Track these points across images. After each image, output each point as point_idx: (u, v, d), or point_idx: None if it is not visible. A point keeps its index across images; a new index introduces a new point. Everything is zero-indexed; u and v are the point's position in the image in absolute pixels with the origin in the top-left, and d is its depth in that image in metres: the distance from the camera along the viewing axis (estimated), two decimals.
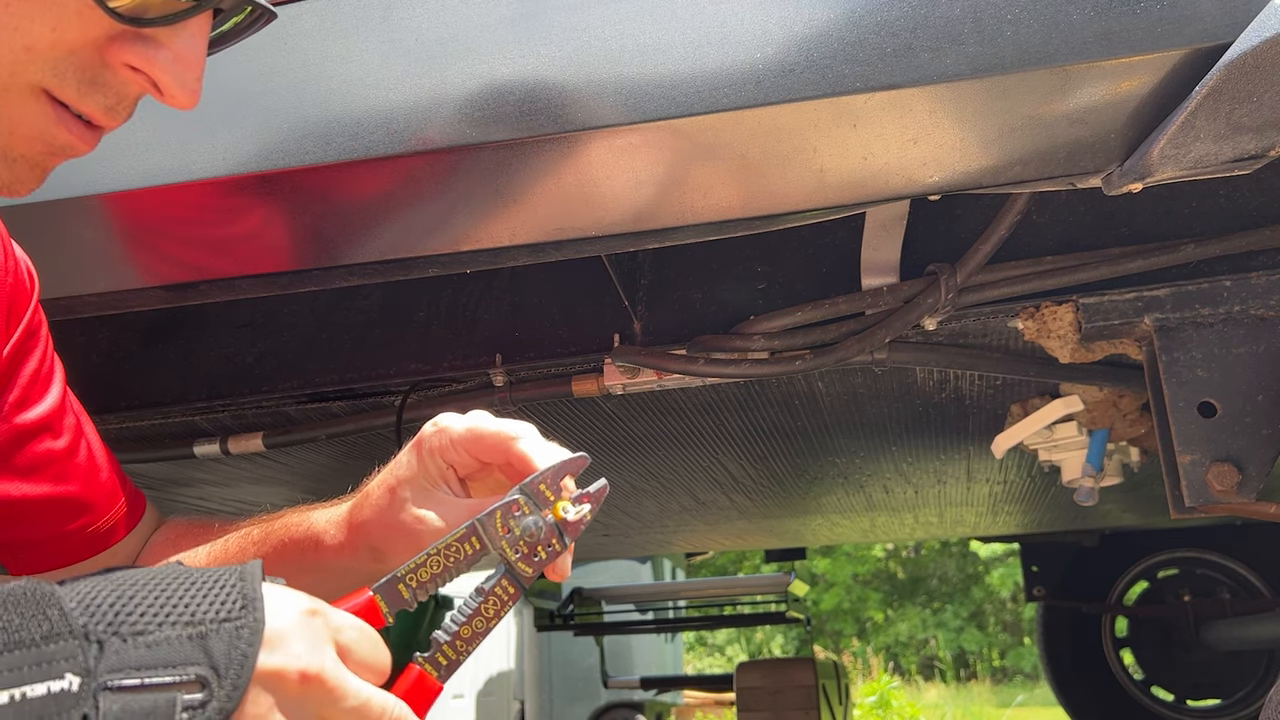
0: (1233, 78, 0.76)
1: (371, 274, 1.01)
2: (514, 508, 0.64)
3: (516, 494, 0.64)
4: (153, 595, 0.49)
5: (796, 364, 1.21)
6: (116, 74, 0.59)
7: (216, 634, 0.48)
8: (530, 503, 0.64)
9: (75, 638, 0.46)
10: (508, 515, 0.64)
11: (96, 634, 0.47)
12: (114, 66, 0.59)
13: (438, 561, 0.62)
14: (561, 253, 0.98)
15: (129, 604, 0.48)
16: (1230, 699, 3.64)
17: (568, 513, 0.64)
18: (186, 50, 0.60)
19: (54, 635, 0.46)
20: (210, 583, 0.51)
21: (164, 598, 0.49)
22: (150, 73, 0.59)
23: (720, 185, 0.90)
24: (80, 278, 1.03)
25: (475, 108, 0.87)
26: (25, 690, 0.44)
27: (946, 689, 12.54)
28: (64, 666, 0.45)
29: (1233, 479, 1.03)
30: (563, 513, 0.64)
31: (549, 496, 0.65)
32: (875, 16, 0.81)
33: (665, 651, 7.60)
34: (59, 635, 0.46)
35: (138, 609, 0.48)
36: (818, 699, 4.02)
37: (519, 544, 0.63)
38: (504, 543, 0.63)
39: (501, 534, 0.63)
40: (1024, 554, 3.88)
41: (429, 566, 0.62)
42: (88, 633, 0.46)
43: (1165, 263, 1.10)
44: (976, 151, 0.86)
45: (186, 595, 0.50)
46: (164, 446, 1.52)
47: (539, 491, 0.65)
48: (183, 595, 0.50)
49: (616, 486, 2.14)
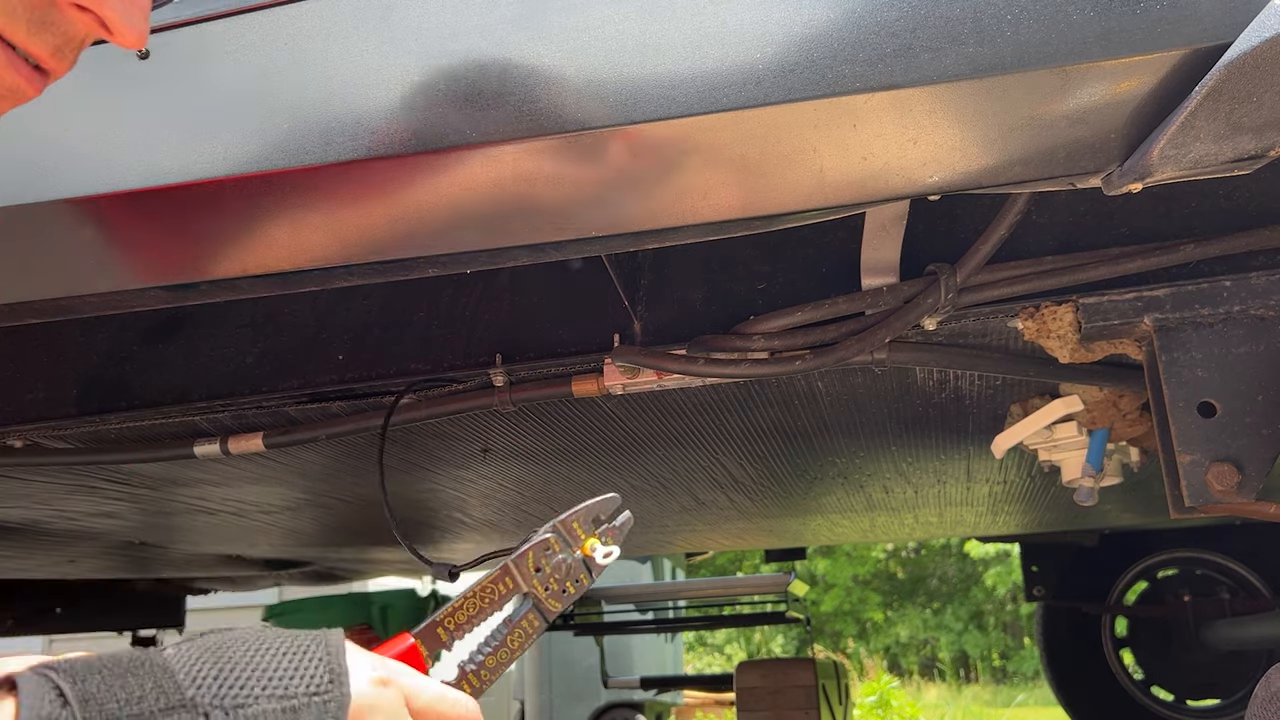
0: (1232, 78, 0.76)
1: (371, 274, 1.01)
2: (545, 546, 0.67)
3: (549, 533, 0.67)
4: (249, 667, 0.52)
5: (796, 364, 1.21)
6: (64, 14, 0.60)
7: (307, 709, 0.52)
8: (560, 540, 0.67)
9: (188, 710, 0.50)
10: (539, 554, 0.66)
11: (204, 707, 0.50)
12: (61, 6, 0.59)
13: (473, 604, 0.65)
14: (561, 253, 0.98)
15: (229, 676, 0.52)
16: (1230, 699, 3.65)
17: (596, 551, 0.67)
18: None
19: (171, 709, 0.49)
20: (299, 653, 0.54)
21: (258, 669, 0.53)
22: (98, 11, 0.60)
23: (720, 185, 0.90)
24: (80, 278, 1.02)
25: (475, 108, 0.87)
26: None
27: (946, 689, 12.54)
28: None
29: (1232, 479, 1.03)
30: (591, 550, 0.67)
31: (580, 534, 0.68)
32: (875, 16, 0.81)
33: (665, 651, 7.60)
34: (175, 709, 0.49)
35: (236, 681, 0.52)
36: (818, 699, 4.02)
37: (549, 580, 0.66)
38: (535, 580, 0.66)
39: (532, 572, 0.66)
40: (1024, 554, 3.88)
41: (465, 609, 0.65)
42: (197, 705, 0.50)
43: (1165, 263, 1.11)
44: (976, 151, 0.86)
45: (278, 667, 0.53)
46: (164, 446, 1.52)
47: (571, 530, 0.67)
48: (275, 667, 0.53)
49: (616, 487, 2.14)
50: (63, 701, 0.47)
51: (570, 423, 1.58)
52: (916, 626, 14.90)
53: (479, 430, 1.62)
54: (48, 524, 2.28)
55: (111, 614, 3.93)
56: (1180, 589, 3.69)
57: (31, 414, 1.48)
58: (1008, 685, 12.97)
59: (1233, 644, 3.49)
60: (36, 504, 2.03)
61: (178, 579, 3.79)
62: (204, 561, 3.16)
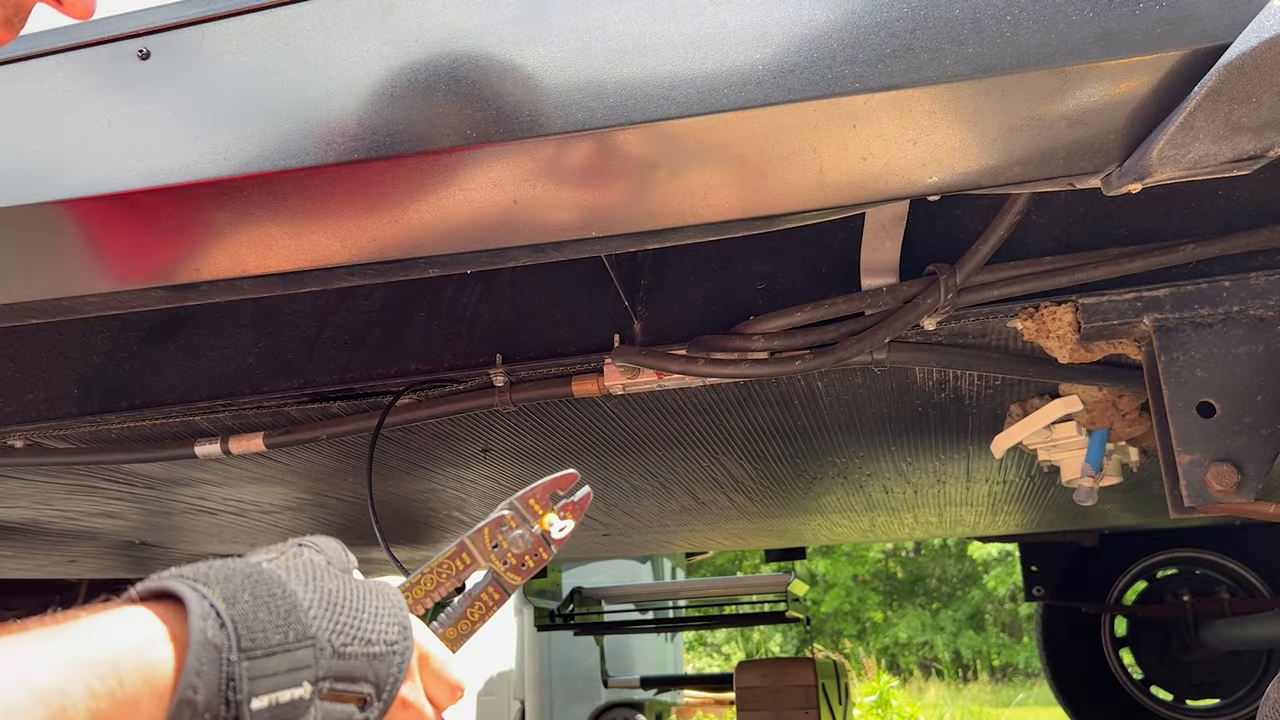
0: (1232, 78, 0.76)
1: (371, 274, 1.01)
2: (500, 522, 0.68)
3: (505, 509, 0.69)
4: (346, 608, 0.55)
5: (796, 364, 1.21)
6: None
7: (382, 660, 0.55)
8: (518, 516, 0.68)
9: (310, 645, 0.52)
10: (495, 530, 0.68)
11: (322, 643, 0.53)
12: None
13: (431, 579, 0.67)
14: (561, 253, 0.98)
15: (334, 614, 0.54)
16: (1229, 698, 3.65)
17: (553, 526, 0.69)
18: None
19: (298, 642, 0.52)
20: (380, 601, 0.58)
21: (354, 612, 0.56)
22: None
23: (720, 185, 0.90)
24: (80, 278, 1.03)
25: (475, 108, 0.87)
26: (278, 697, 0.50)
27: (946, 688, 12.54)
28: (303, 675, 0.51)
29: (1232, 479, 1.03)
30: (549, 525, 0.69)
31: (538, 510, 0.69)
32: (875, 17, 0.81)
33: (665, 651, 7.60)
34: (301, 642, 0.52)
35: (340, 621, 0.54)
36: (817, 698, 4.02)
37: (507, 555, 0.68)
38: (492, 555, 0.67)
39: (489, 547, 0.67)
40: (1023, 554, 3.88)
41: (423, 584, 0.67)
42: (316, 640, 0.52)
43: (1164, 263, 1.11)
44: (976, 152, 0.86)
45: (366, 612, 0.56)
46: (165, 446, 1.53)
47: (529, 506, 0.69)
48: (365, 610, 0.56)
49: (617, 486, 2.15)
50: (220, 623, 0.49)
51: (570, 423, 1.58)
52: (916, 626, 14.89)
53: (479, 430, 1.62)
54: (48, 524, 2.28)
55: None
56: (1180, 589, 3.69)
57: (32, 414, 1.48)
58: (1007, 685, 12.97)
59: (1232, 644, 3.49)
60: (37, 504, 2.03)
61: None
62: None
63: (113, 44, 0.94)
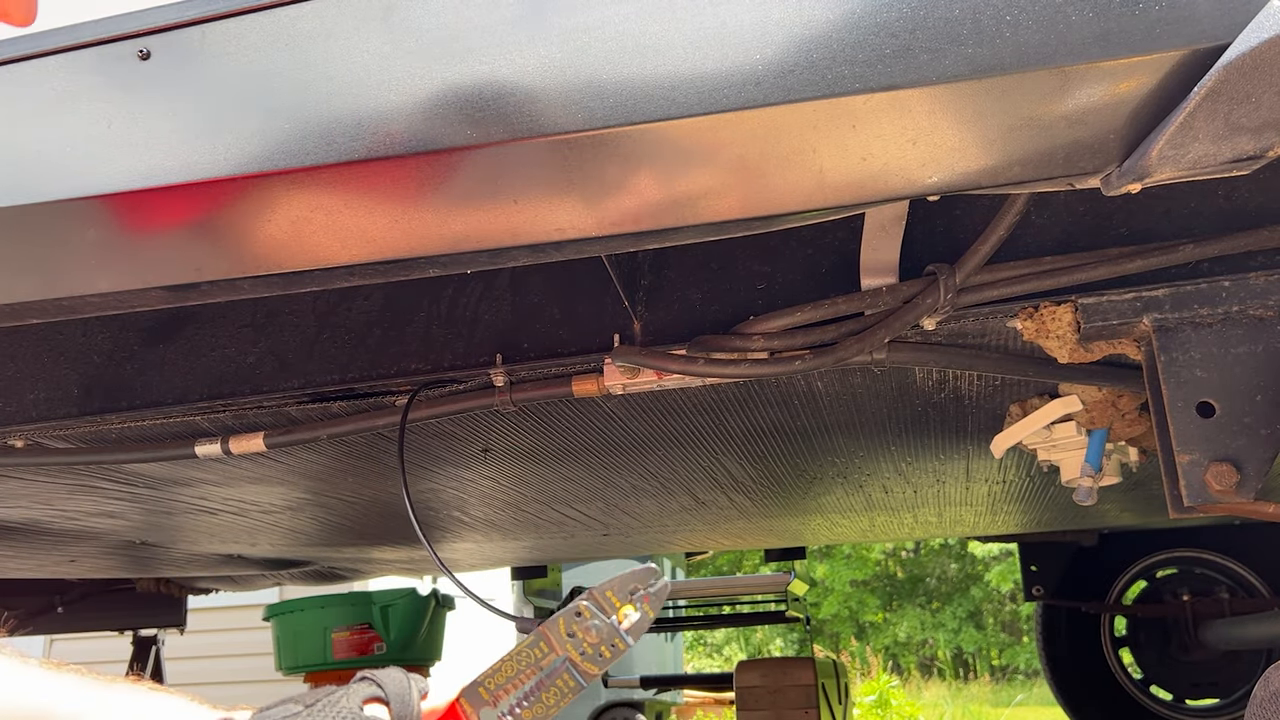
0: (1231, 78, 0.76)
1: (371, 274, 1.01)
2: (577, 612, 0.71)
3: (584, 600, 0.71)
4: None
5: (796, 364, 1.21)
6: None
7: None
8: (594, 608, 0.70)
9: None
10: (570, 620, 0.71)
11: None
12: None
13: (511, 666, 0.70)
14: (561, 253, 0.98)
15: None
16: (1229, 698, 3.65)
17: (629, 618, 0.71)
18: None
19: None
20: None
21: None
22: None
23: (720, 185, 0.90)
24: (80, 278, 1.03)
25: (475, 108, 0.87)
26: None
27: (946, 688, 12.54)
28: None
29: (1231, 479, 1.03)
30: (625, 617, 0.71)
31: (615, 603, 0.72)
32: (874, 17, 0.81)
33: (665, 651, 7.60)
34: None
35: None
36: (817, 698, 4.02)
37: (583, 645, 0.70)
38: (569, 645, 0.70)
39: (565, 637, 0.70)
40: (1023, 553, 3.88)
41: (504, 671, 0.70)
42: None
43: (1164, 263, 1.11)
44: (975, 152, 0.86)
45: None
46: (165, 446, 1.53)
47: (606, 599, 0.72)
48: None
49: (617, 486, 2.15)
50: None
51: (570, 423, 1.58)
52: (915, 626, 14.89)
53: (479, 430, 1.62)
54: (48, 524, 2.28)
55: (112, 614, 3.93)
56: (1179, 588, 3.69)
57: (32, 414, 1.48)
58: (1007, 684, 12.97)
59: (1232, 643, 3.49)
60: (37, 504, 2.03)
61: (179, 578, 3.79)
62: (205, 561, 3.17)
63: (113, 44, 0.94)
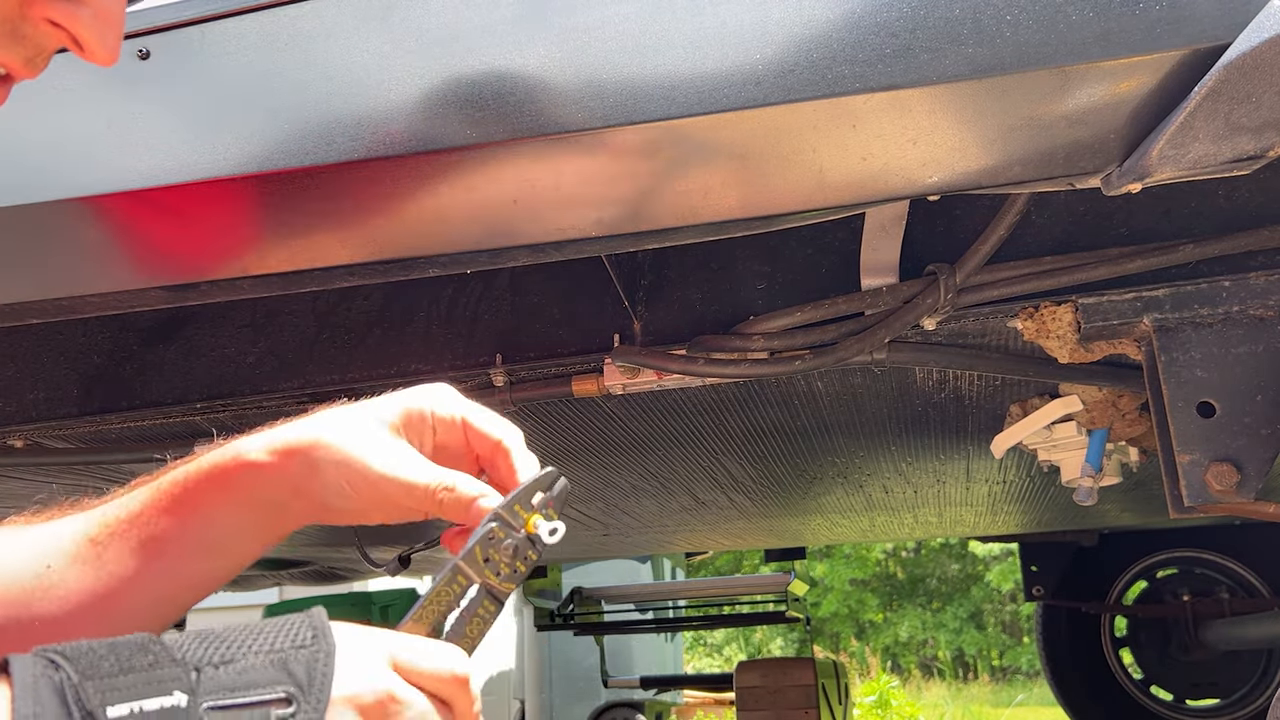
0: (1231, 78, 0.76)
1: (371, 274, 1.01)
2: (490, 536, 0.68)
3: (491, 522, 0.68)
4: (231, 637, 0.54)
5: (796, 364, 1.21)
6: (36, 28, 0.60)
7: (295, 658, 0.53)
8: (504, 526, 0.68)
9: (178, 665, 0.51)
10: (486, 546, 0.67)
11: (193, 663, 0.51)
12: (34, 20, 0.60)
13: (432, 610, 0.66)
14: (561, 253, 0.98)
15: (213, 643, 0.53)
16: (1229, 698, 3.65)
17: (540, 528, 0.68)
18: (106, 8, 0.61)
19: (159, 664, 0.51)
20: (280, 623, 0.56)
21: (241, 637, 0.54)
22: (72, 29, 0.60)
23: (720, 185, 0.90)
24: (80, 278, 1.03)
25: (475, 108, 0.87)
26: (142, 704, 0.48)
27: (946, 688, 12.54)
28: (172, 685, 0.49)
29: (1231, 479, 1.03)
30: (535, 527, 0.68)
31: (522, 515, 0.69)
32: (874, 17, 0.81)
33: (665, 651, 7.60)
34: (163, 664, 0.51)
35: (222, 645, 0.53)
36: (817, 698, 4.02)
37: (499, 566, 0.67)
38: (486, 570, 0.67)
39: (482, 564, 0.67)
40: (1023, 554, 3.88)
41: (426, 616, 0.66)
42: (186, 661, 0.51)
43: (1164, 263, 1.11)
44: (976, 152, 0.86)
45: (261, 633, 0.55)
46: (165, 447, 1.52)
47: (514, 513, 0.69)
48: (258, 634, 0.55)
49: (617, 486, 2.15)
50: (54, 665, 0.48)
51: (570, 423, 1.58)
52: (916, 626, 14.89)
53: None
54: None
55: None
56: (1180, 589, 3.69)
57: (32, 414, 1.48)
58: (1007, 684, 12.97)
59: (1232, 644, 3.49)
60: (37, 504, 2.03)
61: None
62: None
63: None
